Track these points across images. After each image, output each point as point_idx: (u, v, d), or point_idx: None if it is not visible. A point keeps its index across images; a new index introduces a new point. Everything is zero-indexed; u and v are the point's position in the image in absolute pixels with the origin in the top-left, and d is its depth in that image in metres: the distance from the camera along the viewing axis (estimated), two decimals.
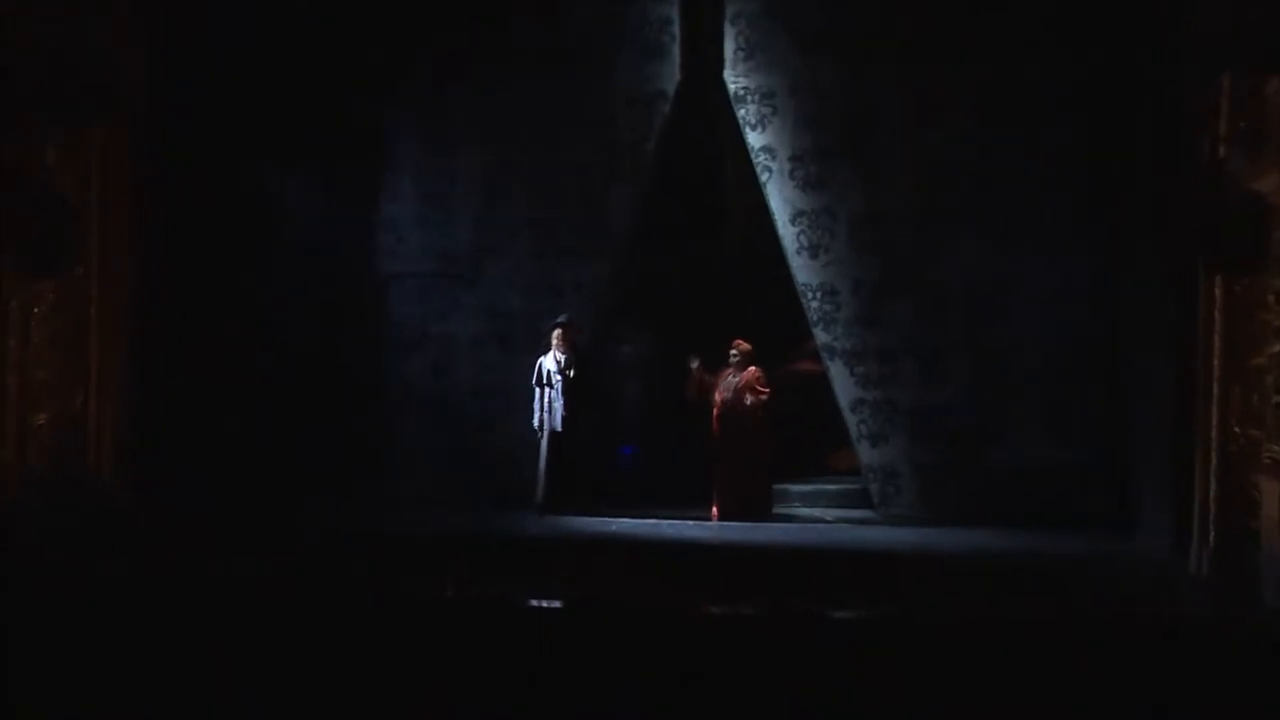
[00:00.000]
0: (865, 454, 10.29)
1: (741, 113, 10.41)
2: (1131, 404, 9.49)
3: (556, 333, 10.28)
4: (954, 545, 9.01)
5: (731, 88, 10.42)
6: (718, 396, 10.29)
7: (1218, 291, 7.46)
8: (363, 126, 10.89)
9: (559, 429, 10.19)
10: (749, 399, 10.18)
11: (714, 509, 10.19)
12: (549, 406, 10.20)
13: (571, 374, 10.17)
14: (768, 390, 10.28)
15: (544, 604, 6.49)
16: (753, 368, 10.34)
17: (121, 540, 8.11)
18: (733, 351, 10.36)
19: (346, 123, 10.75)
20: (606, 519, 9.89)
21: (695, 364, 10.41)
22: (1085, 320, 9.99)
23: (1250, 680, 5.23)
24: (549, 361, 10.32)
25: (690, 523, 9.91)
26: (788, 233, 10.35)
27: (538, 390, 10.28)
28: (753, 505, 10.17)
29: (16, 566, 7.03)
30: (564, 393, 10.19)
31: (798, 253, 10.32)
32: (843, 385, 10.29)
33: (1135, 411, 9.39)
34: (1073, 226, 9.99)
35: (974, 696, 5.20)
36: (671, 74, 10.54)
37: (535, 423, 10.28)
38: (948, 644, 5.75)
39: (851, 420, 10.29)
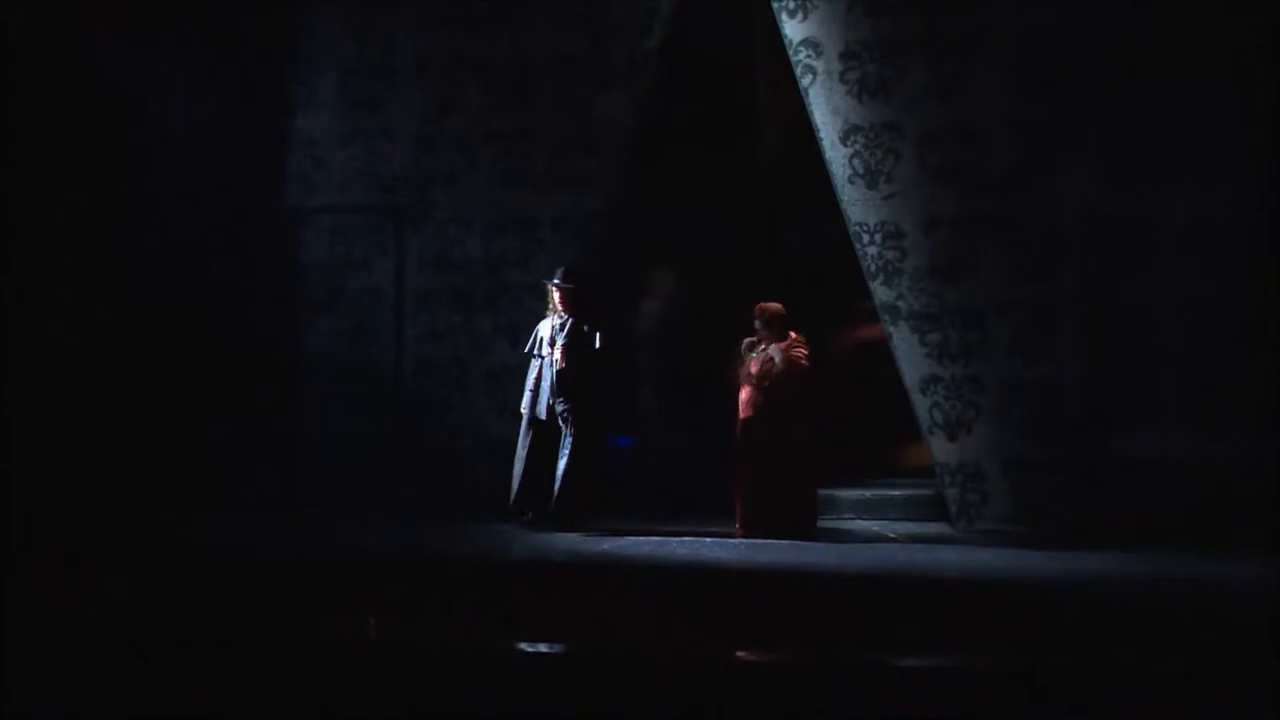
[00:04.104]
0: (940, 450, 9.97)
1: None
2: None
3: (552, 293, 9.98)
4: (1061, 571, 8.63)
5: None
6: (743, 376, 9.91)
7: None
8: (269, 7, 10.72)
9: (543, 416, 9.92)
10: (782, 368, 9.74)
11: (738, 523, 9.89)
12: (536, 385, 9.94)
13: (559, 348, 9.84)
14: (805, 352, 9.86)
15: (510, 648, 6.42)
16: (792, 334, 9.92)
17: None
18: (756, 321, 9.97)
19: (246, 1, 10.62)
20: (597, 536, 9.64)
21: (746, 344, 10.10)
22: (1241, 269, 9.54)
23: None
24: (545, 325, 10.02)
25: (707, 540, 9.66)
26: (837, 155, 10.05)
27: (533, 362, 10.03)
28: (792, 519, 9.80)
29: None
30: (554, 369, 9.88)
31: (851, 181, 10.03)
32: (910, 358, 9.99)
33: None
34: (1229, 143, 9.54)
35: None
36: None
37: (525, 404, 10.03)
38: (1049, 705, 5.61)
39: (922, 404, 9.98)
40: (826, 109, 10.07)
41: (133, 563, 8.36)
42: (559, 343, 9.87)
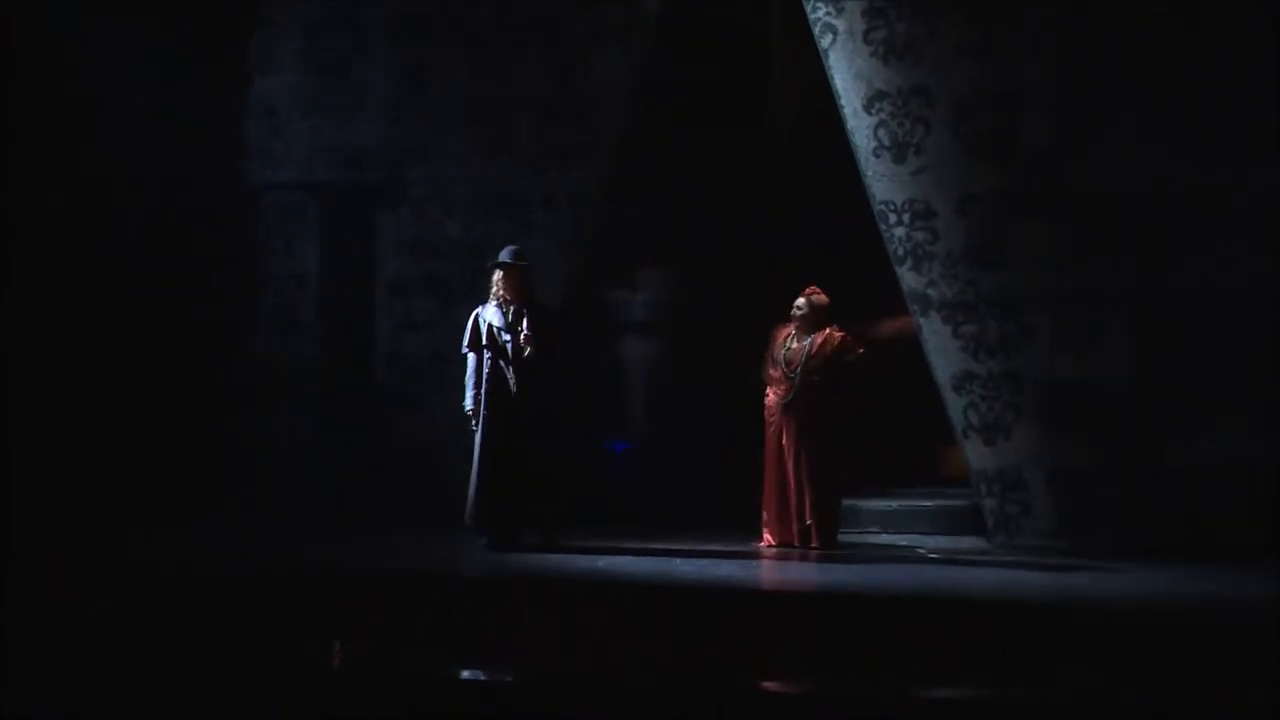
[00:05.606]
0: (975, 455, 9.91)
1: None
2: None
3: (498, 276, 9.62)
4: (1110, 592, 8.57)
5: None
6: (774, 373, 9.95)
7: None
8: None
9: (511, 417, 9.63)
10: (857, 362, 9.81)
11: (765, 534, 10.00)
12: (485, 382, 9.69)
13: (524, 338, 9.63)
14: (861, 346, 9.88)
15: (495, 678, 6.50)
16: (836, 330, 9.92)
17: None
18: (799, 303, 9.96)
19: None
20: (592, 554, 9.55)
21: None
22: None
23: None
24: (491, 314, 9.73)
25: (715, 558, 9.58)
26: (860, 124, 10.02)
27: (472, 357, 9.65)
28: (816, 529, 9.85)
29: None
30: (516, 365, 9.66)
31: (875, 154, 10.01)
32: (942, 352, 9.93)
33: None
34: None
35: None
36: None
37: (468, 404, 9.68)
38: None
39: (955, 405, 9.91)
40: (848, 73, 10.02)
41: (78, 581, 8.21)
42: (523, 331, 9.62)
